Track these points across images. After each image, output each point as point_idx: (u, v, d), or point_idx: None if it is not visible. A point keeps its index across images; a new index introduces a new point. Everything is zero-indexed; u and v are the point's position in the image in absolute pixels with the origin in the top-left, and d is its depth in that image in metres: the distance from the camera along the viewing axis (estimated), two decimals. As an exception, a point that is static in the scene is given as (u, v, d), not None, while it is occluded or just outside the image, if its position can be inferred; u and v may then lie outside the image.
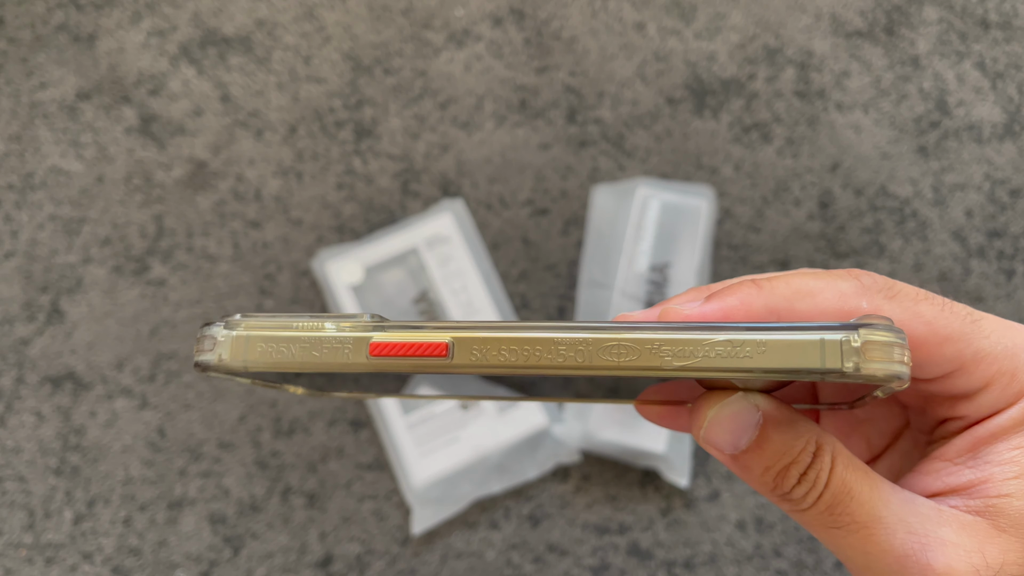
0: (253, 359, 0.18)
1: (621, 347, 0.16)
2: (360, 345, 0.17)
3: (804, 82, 0.54)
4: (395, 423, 0.47)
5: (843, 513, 0.18)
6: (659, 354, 0.16)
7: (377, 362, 0.17)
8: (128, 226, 0.52)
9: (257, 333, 0.18)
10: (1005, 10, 0.56)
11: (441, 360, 0.17)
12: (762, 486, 0.18)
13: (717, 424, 0.18)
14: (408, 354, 0.17)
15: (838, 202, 0.52)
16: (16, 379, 0.49)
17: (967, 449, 0.19)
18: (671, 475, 0.46)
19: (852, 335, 0.16)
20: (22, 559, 0.46)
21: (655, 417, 0.23)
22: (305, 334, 0.18)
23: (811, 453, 0.18)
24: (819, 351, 0.16)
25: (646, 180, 0.51)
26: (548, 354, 0.17)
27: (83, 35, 0.56)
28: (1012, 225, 0.52)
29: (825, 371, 0.15)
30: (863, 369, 0.15)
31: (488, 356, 0.17)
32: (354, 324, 0.18)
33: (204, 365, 0.18)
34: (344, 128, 0.54)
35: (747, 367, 0.16)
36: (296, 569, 0.46)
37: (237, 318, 0.18)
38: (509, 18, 0.56)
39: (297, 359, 0.18)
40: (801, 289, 0.18)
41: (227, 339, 0.18)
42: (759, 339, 0.16)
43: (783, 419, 0.18)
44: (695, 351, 0.16)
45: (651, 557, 0.46)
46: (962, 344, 0.18)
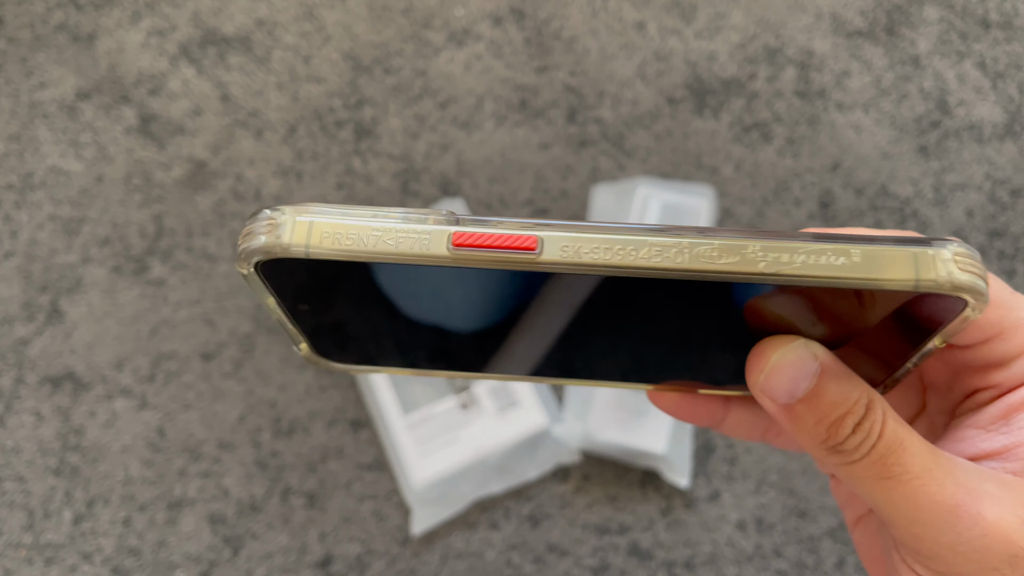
0: (318, 244, 0.16)
1: (720, 250, 0.16)
2: (440, 236, 0.16)
3: (804, 82, 0.54)
4: (395, 423, 0.47)
5: (896, 463, 0.18)
6: (757, 259, 0.16)
7: (460, 254, 0.16)
8: (128, 226, 0.52)
9: (324, 219, 0.16)
10: (1006, 10, 0.56)
11: (529, 255, 0.16)
12: (813, 438, 0.18)
13: (778, 370, 0.18)
14: (495, 246, 0.16)
15: (839, 202, 0.52)
16: (16, 379, 0.49)
17: (1000, 416, 0.20)
18: (671, 475, 0.46)
19: (941, 249, 0.16)
20: (22, 559, 0.46)
21: (670, 406, 0.23)
22: (379, 222, 0.16)
23: (864, 405, 0.18)
24: (913, 261, 0.16)
25: (646, 180, 0.51)
26: (644, 253, 0.16)
27: (83, 35, 0.56)
28: (1013, 225, 0.52)
29: (918, 280, 0.16)
30: (955, 278, 0.15)
31: (580, 253, 0.16)
32: (431, 215, 0.16)
33: (253, 250, 0.16)
34: (344, 128, 0.54)
35: (843, 276, 0.16)
36: (296, 569, 0.46)
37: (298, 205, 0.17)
38: (509, 18, 0.56)
39: (369, 247, 0.16)
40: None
41: (289, 221, 0.16)
42: (855, 248, 0.16)
43: (839, 371, 0.18)
44: (792, 257, 0.16)
45: (651, 557, 0.46)
46: (1005, 310, 0.19)
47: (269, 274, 0.17)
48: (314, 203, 0.17)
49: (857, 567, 0.46)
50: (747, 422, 0.24)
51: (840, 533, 0.46)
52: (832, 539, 0.46)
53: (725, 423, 0.24)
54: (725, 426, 0.24)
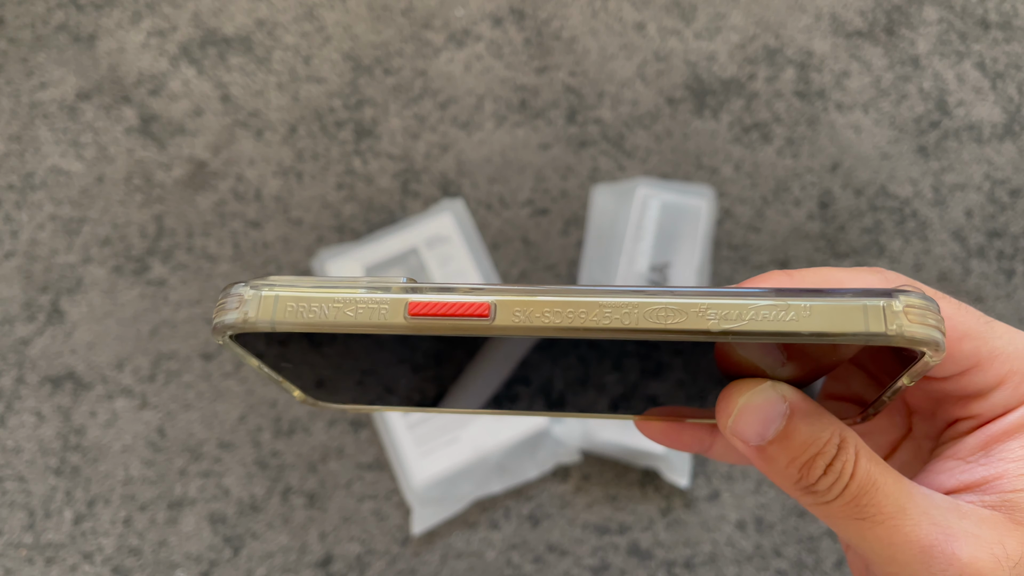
0: (282, 319, 0.17)
1: (668, 310, 0.16)
2: (397, 305, 0.17)
3: (804, 82, 0.54)
4: (395, 423, 0.47)
5: (869, 504, 0.18)
6: (705, 316, 0.16)
7: (416, 323, 0.17)
8: (128, 226, 0.52)
9: (287, 292, 0.17)
10: (1005, 10, 0.56)
11: (482, 321, 0.17)
12: (786, 479, 0.19)
13: (746, 413, 0.18)
14: (449, 314, 0.17)
15: (838, 202, 0.52)
16: (16, 379, 0.49)
17: (980, 447, 0.20)
18: (671, 475, 0.46)
19: (893, 300, 0.16)
20: (22, 559, 0.46)
21: (656, 435, 0.23)
22: (340, 294, 0.17)
23: (836, 445, 0.18)
24: (863, 315, 0.16)
25: (646, 180, 0.51)
26: (594, 316, 0.17)
27: (83, 35, 0.56)
28: (1012, 225, 0.52)
29: (869, 335, 0.16)
30: (906, 332, 0.16)
31: (531, 318, 0.17)
32: (389, 285, 0.17)
33: (225, 326, 0.17)
34: (344, 128, 0.54)
35: (792, 330, 0.16)
36: (296, 569, 0.46)
37: (264, 279, 0.18)
38: (509, 18, 0.56)
39: (330, 319, 0.17)
40: (830, 279, 0.19)
41: (255, 297, 0.17)
42: (804, 303, 0.16)
43: (809, 410, 0.18)
44: (741, 314, 0.16)
45: (651, 557, 0.46)
46: (979, 341, 0.19)
47: (245, 343, 0.18)
48: (283, 277, 0.18)
49: (856, 567, 0.46)
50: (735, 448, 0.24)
51: (840, 533, 0.46)
52: (832, 539, 0.46)
53: (713, 449, 0.24)
54: (713, 452, 0.24)
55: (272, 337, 0.18)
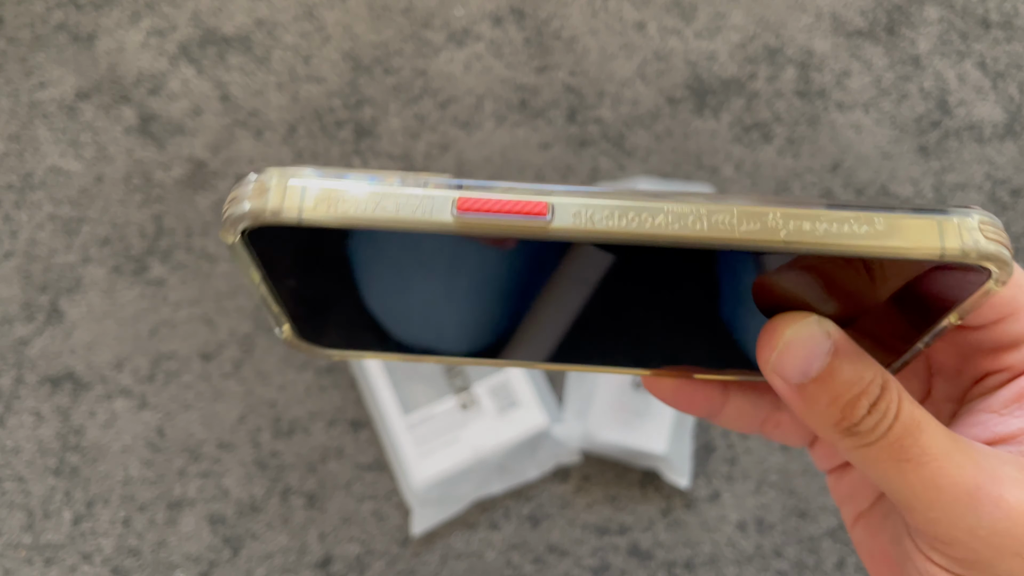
0: (311, 210, 0.15)
1: (741, 215, 0.15)
2: (444, 200, 0.15)
3: (805, 82, 0.54)
4: (395, 423, 0.47)
5: (913, 445, 0.17)
6: (778, 227, 0.15)
7: (465, 220, 0.15)
8: (127, 226, 0.52)
9: (318, 182, 0.15)
10: (1006, 9, 0.56)
11: (539, 220, 0.15)
12: (826, 419, 0.18)
13: (791, 349, 0.17)
14: (503, 211, 0.15)
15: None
16: (15, 379, 0.49)
17: (1013, 399, 0.19)
18: (671, 476, 0.46)
19: (967, 217, 0.15)
20: (21, 560, 0.46)
21: (666, 394, 0.22)
22: (378, 186, 0.15)
23: (879, 385, 0.17)
24: (937, 230, 0.15)
25: (646, 180, 0.51)
26: (661, 220, 0.15)
27: (82, 35, 0.55)
28: (1013, 225, 0.52)
29: (944, 249, 0.15)
30: (981, 247, 0.15)
31: (593, 219, 0.15)
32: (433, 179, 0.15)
33: (240, 217, 0.15)
34: (344, 128, 0.54)
35: (867, 244, 0.15)
36: (296, 569, 0.46)
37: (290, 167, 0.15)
38: (509, 18, 0.56)
39: (368, 213, 0.15)
40: None
41: (279, 184, 0.15)
42: (878, 216, 0.15)
43: (853, 350, 0.18)
44: (815, 226, 0.15)
45: (651, 557, 0.46)
46: (1018, 289, 0.19)
47: (256, 244, 0.16)
48: (307, 166, 0.15)
49: (857, 567, 0.46)
50: (745, 412, 0.23)
51: (840, 533, 0.46)
52: (832, 539, 0.46)
53: (723, 413, 0.23)
54: (723, 416, 0.23)
55: (290, 238, 0.16)
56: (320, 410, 0.48)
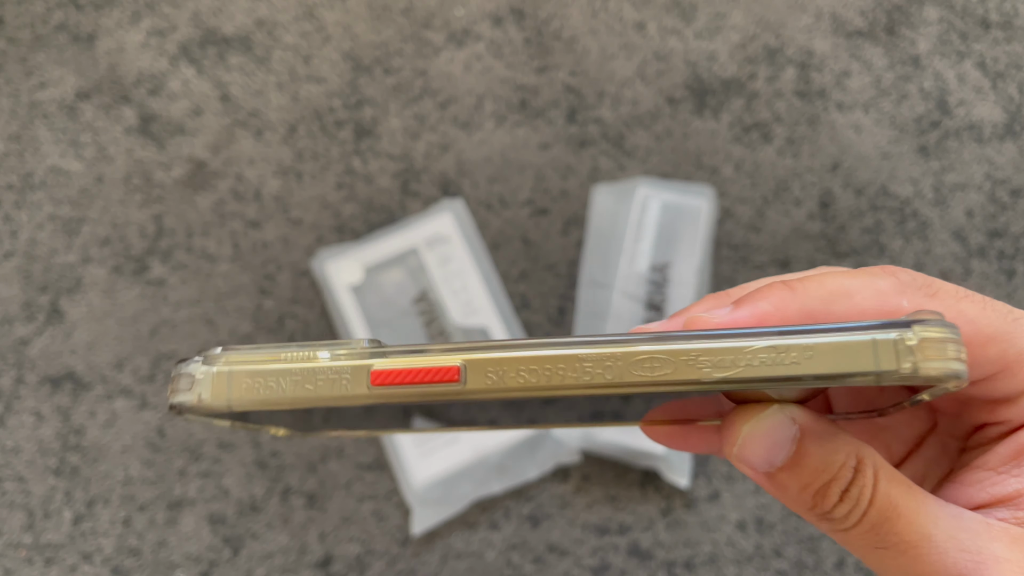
0: (238, 397, 0.16)
1: (654, 360, 0.15)
2: (360, 374, 0.16)
3: (804, 82, 0.54)
4: (395, 423, 0.47)
5: (890, 532, 0.16)
6: (696, 366, 0.15)
7: (380, 392, 0.16)
8: (128, 226, 0.52)
9: (241, 368, 0.16)
10: (1006, 10, 0.56)
11: (453, 386, 0.15)
12: (800, 505, 0.17)
13: (752, 440, 0.17)
14: (415, 381, 0.15)
15: (838, 202, 0.52)
16: (15, 379, 0.49)
17: (1011, 457, 0.18)
18: (671, 475, 0.46)
19: (906, 333, 0.14)
20: (22, 559, 0.46)
21: (663, 438, 0.22)
22: (296, 365, 0.16)
23: (852, 468, 0.17)
24: (872, 352, 0.14)
25: (646, 180, 0.51)
26: (573, 372, 0.15)
27: (83, 35, 0.55)
28: (1013, 225, 0.52)
29: (880, 373, 0.14)
30: (921, 370, 0.14)
31: (506, 378, 0.15)
32: (350, 351, 0.16)
33: (181, 407, 0.16)
34: (344, 128, 0.54)
35: (795, 374, 0.15)
36: (296, 569, 0.46)
37: (217, 352, 0.16)
38: (509, 18, 0.56)
39: (289, 394, 0.16)
40: (837, 289, 0.17)
41: (207, 376, 0.16)
42: (806, 343, 0.15)
43: (821, 432, 0.17)
44: (736, 360, 0.15)
45: (651, 557, 0.46)
46: (1006, 344, 0.17)
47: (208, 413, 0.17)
48: (237, 348, 0.17)
49: (857, 567, 0.46)
50: None
51: (840, 533, 0.46)
52: (832, 539, 0.46)
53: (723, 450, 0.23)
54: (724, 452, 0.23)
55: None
56: (320, 410, 0.48)
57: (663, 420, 0.22)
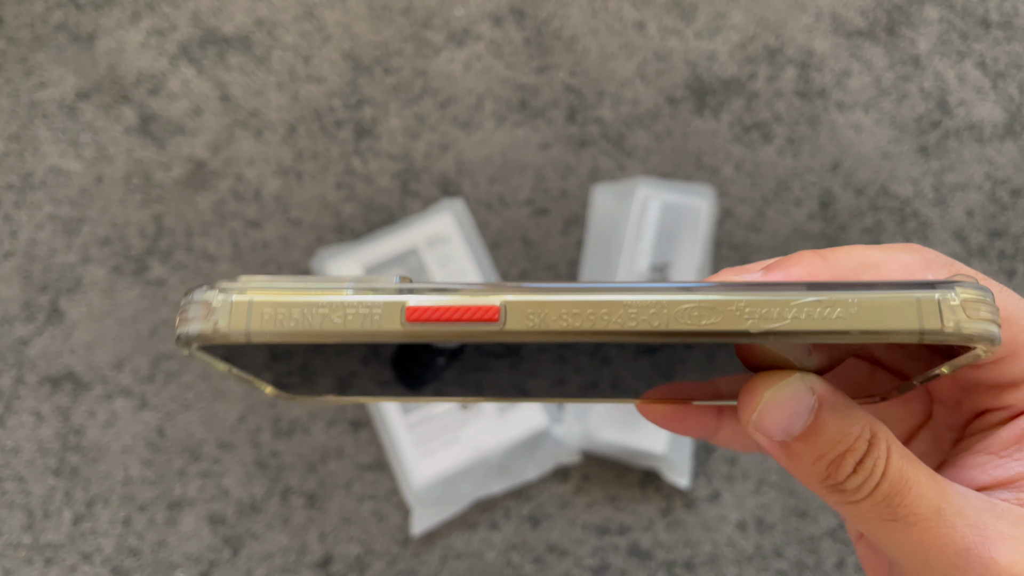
0: (259, 328, 0.15)
1: (701, 308, 0.15)
2: (392, 310, 0.15)
3: (805, 82, 0.54)
4: (395, 423, 0.47)
5: (901, 505, 0.17)
6: (743, 316, 0.15)
7: (415, 329, 0.15)
8: (127, 226, 0.52)
9: (263, 297, 0.15)
10: (1006, 9, 0.56)
11: (491, 326, 0.15)
12: (812, 476, 0.17)
13: (772, 408, 0.17)
14: (453, 319, 0.15)
15: (839, 202, 0.52)
16: (15, 379, 0.49)
17: (1013, 440, 0.19)
18: (671, 475, 0.46)
19: (949, 293, 0.15)
20: (21, 559, 0.46)
21: (659, 418, 0.22)
22: (324, 298, 0.15)
23: (867, 440, 0.17)
24: (916, 310, 0.14)
25: (646, 180, 0.51)
26: (618, 318, 0.15)
27: (82, 35, 0.55)
28: (1013, 225, 0.52)
29: (924, 331, 0.14)
30: (964, 328, 0.14)
31: (548, 320, 0.15)
32: (382, 286, 0.15)
33: (191, 337, 0.15)
34: (344, 128, 0.54)
35: (840, 329, 0.14)
36: (296, 569, 0.46)
37: (235, 281, 0.15)
38: (509, 18, 0.56)
39: (315, 327, 0.15)
40: (866, 261, 0.18)
41: (225, 304, 0.15)
42: (851, 298, 0.15)
43: (838, 403, 0.17)
44: (783, 312, 0.15)
45: (651, 557, 0.46)
46: (1018, 328, 0.18)
47: (214, 351, 0.16)
48: (255, 277, 0.15)
49: (857, 567, 0.46)
50: (742, 433, 0.22)
51: (840, 533, 0.46)
52: (832, 539, 0.46)
53: (719, 434, 0.23)
54: (719, 437, 0.23)
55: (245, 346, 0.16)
56: (320, 410, 0.48)
57: (661, 399, 0.22)
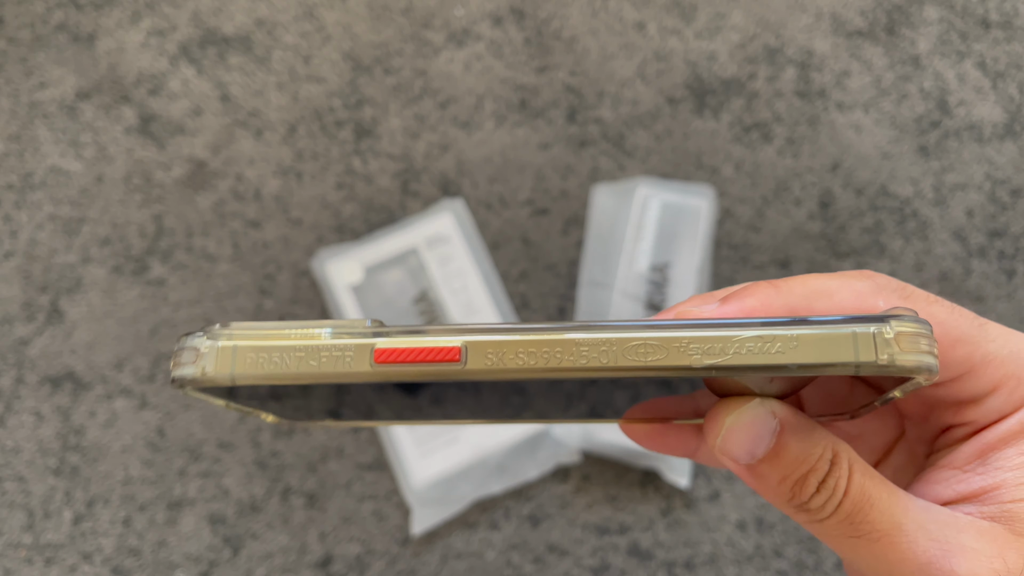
0: (242, 371, 0.16)
1: (648, 346, 0.16)
2: (363, 352, 0.16)
3: (805, 82, 0.54)
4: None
5: (863, 521, 0.17)
6: (687, 352, 0.16)
7: (383, 370, 0.16)
8: (127, 226, 0.52)
9: (246, 343, 0.17)
10: (1006, 9, 0.56)
11: (453, 366, 0.16)
12: (778, 497, 0.18)
13: (735, 432, 0.18)
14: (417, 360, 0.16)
15: (839, 202, 0.52)
16: (15, 379, 0.49)
17: (975, 455, 0.19)
18: (671, 475, 0.46)
19: (884, 327, 0.15)
20: (21, 559, 0.46)
21: (641, 437, 0.23)
22: (301, 343, 0.16)
23: (828, 461, 0.17)
24: (852, 344, 0.15)
25: (646, 180, 0.51)
26: (570, 356, 0.16)
27: (83, 35, 0.55)
28: (1013, 225, 0.52)
29: (859, 364, 0.15)
30: (898, 360, 0.15)
31: (505, 360, 0.16)
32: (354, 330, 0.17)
33: (184, 380, 0.17)
34: (344, 128, 0.54)
35: (780, 363, 0.15)
36: (296, 569, 0.46)
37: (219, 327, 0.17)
38: (509, 18, 0.56)
39: (292, 370, 0.16)
40: (818, 289, 0.18)
41: (211, 350, 0.16)
42: (790, 334, 0.16)
43: (800, 426, 0.18)
44: (725, 348, 0.16)
45: (651, 557, 0.46)
46: (972, 347, 0.18)
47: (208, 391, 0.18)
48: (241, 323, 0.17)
49: (857, 567, 0.46)
50: None
51: (840, 533, 0.46)
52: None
53: (699, 452, 0.23)
54: (700, 455, 0.23)
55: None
56: (320, 410, 0.48)
57: (642, 418, 0.22)
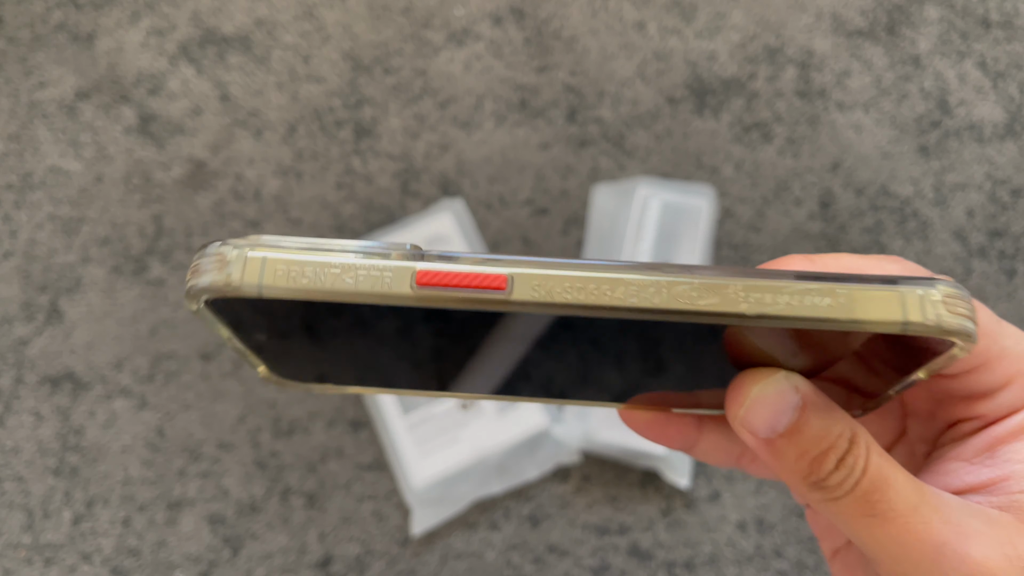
0: (271, 284, 0.15)
1: (701, 287, 0.15)
2: (403, 274, 0.15)
3: (805, 81, 0.54)
4: (395, 423, 0.47)
5: (880, 500, 0.17)
6: (739, 299, 0.15)
7: (424, 293, 0.15)
8: (127, 226, 0.52)
9: (276, 255, 0.15)
10: (1006, 9, 0.56)
11: (498, 294, 0.15)
12: (795, 473, 0.18)
13: (759, 404, 0.18)
14: (462, 284, 0.15)
15: (839, 202, 0.52)
16: (15, 379, 0.49)
17: (984, 448, 0.19)
18: (671, 476, 0.46)
19: (930, 289, 0.15)
20: (21, 560, 0.46)
21: (640, 426, 0.23)
22: (337, 259, 0.15)
23: (848, 439, 0.18)
24: (900, 302, 0.15)
25: (646, 180, 0.51)
26: (619, 293, 0.15)
27: (82, 34, 0.55)
28: (1013, 225, 0.51)
29: (907, 322, 0.15)
30: (944, 322, 0.15)
31: (552, 293, 0.15)
32: (392, 251, 0.16)
33: (201, 290, 0.15)
34: (344, 128, 0.54)
35: (829, 316, 0.15)
36: (296, 569, 0.46)
37: (247, 238, 0.15)
38: (509, 17, 0.56)
39: (327, 286, 0.15)
40: (851, 266, 0.19)
41: (239, 258, 0.15)
42: (841, 289, 0.15)
43: (821, 404, 0.18)
44: (777, 297, 0.15)
45: (651, 558, 0.46)
46: (990, 339, 0.19)
47: (220, 310, 0.16)
48: (269, 235, 0.16)
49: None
50: (721, 446, 0.23)
51: (840, 533, 0.46)
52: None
53: (698, 447, 0.23)
54: (698, 450, 0.23)
55: (253, 305, 0.16)
56: (320, 410, 0.48)
57: (643, 405, 0.22)
